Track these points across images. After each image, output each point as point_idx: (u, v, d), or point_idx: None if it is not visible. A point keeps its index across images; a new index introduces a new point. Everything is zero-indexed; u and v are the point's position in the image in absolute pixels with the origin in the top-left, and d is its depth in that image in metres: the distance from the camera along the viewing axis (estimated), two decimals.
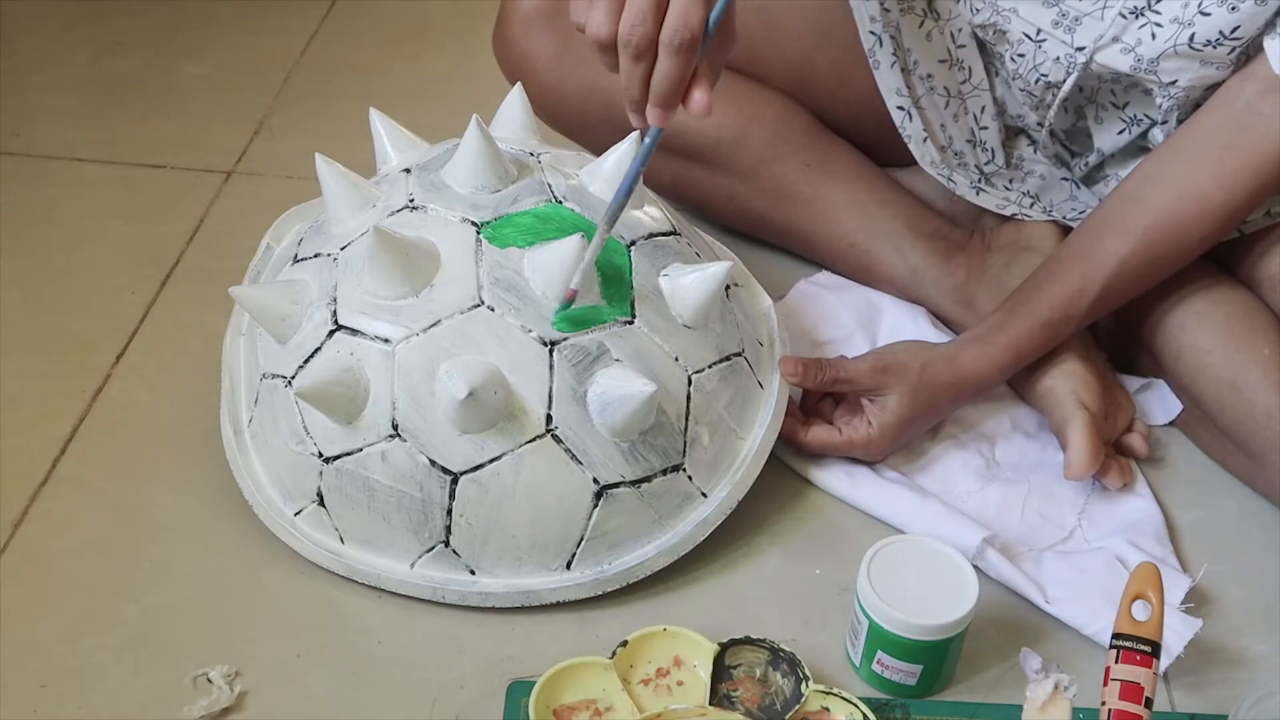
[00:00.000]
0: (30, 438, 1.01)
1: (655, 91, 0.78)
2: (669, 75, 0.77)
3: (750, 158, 1.13)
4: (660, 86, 0.78)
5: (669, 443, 0.91)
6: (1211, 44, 0.94)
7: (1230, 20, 0.92)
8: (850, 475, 1.00)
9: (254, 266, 1.03)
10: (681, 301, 0.92)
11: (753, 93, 1.13)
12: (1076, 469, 0.99)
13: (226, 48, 1.50)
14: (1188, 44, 0.94)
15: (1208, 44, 0.94)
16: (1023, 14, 1.02)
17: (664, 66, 0.77)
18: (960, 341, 1.02)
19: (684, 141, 1.12)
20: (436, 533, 0.89)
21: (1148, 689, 0.78)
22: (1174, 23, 0.95)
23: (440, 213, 0.92)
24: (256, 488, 0.94)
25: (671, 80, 0.77)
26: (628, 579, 0.91)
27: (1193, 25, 0.94)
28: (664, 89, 0.78)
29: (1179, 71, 0.97)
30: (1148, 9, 0.96)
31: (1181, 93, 0.98)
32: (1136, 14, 0.96)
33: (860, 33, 1.12)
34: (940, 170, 1.15)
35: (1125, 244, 0.98)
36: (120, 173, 1.31)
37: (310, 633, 0.89)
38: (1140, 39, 0.97)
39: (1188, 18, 0.94)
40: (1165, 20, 0.95)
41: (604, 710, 0.83)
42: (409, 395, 0.86)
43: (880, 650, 0.85)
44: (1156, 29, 0.96)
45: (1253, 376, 0.98)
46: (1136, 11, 0.96)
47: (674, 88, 0.78)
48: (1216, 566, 0.95)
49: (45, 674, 0.86)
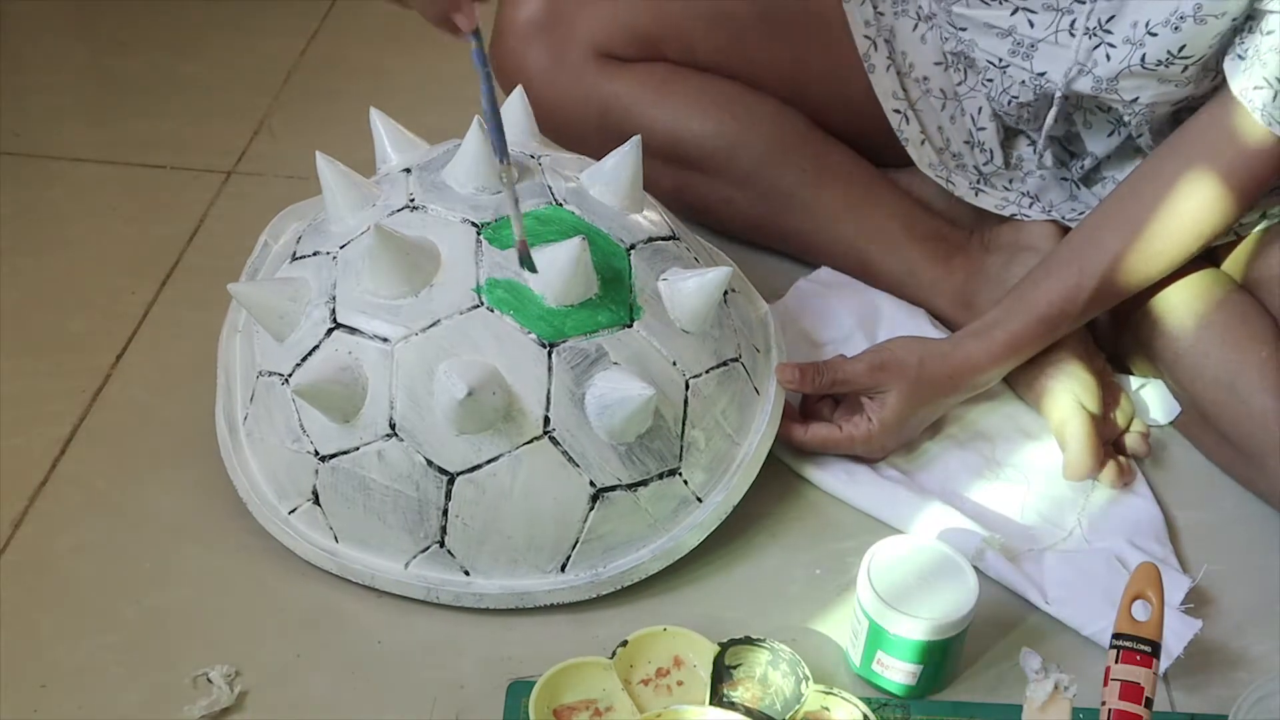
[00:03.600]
0: (30, 438, 1.01)
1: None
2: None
3: (747, 164, 1.13)
4: None
5: (666, 447, 0.91)
6: (1163, 64, 0.95)
7: (1176, 40, 0.94)
8: (850, 474, 1.00)
9: (251, 263, 1.03)
10: (680, 306, 0.92)
11: (748, 99, 1.13)
12: (1074, 470, 0.99)
13: (226, 48, 1.50)
14: (1140, 64, 0.96)
15: (1159, 64, 0.96)
16: (981, 45, 1.04)
17: None
18: (958, 336, 1.02)
19: (681, 149, 1.12)
20: (432, 533, 0.89)
21: (1148, 689, 0.77)
22: (1126, 43, 0.96)
23: (440, 213, 0.92)
24: (251, 485, 0.94)
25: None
26: (622, 582, 0.91)
27: (1143, 45, 0.95)
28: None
29: (1139, 90, 0.99)
30: (1099, 29, 0.96)
31: (1146, 109, 1.00)
32: (1089, 34, 0.97)
33: (855, 37, 1.13)
34: (938, 172, 1.15)
35: (1122, 241, 0.98)
36: (120, 173, 1.31)
37: (310, 633, 0.89)
38: (1096, 60, 0.98)
39: (1138, 38, 0.95)
40: (1118, 41, 0.97)
41: (604, 710, 0.83)
42: (407, 395, 0.86)
43: (880, 650, 0.85)
44: (1110, 49, 0.97)
45: (1250, 379, 0.98)
46: (1089, 32, 0.97)
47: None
48: (1216, 567, 0.95)
49: (45, 674, 0.86)
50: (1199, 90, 0.99)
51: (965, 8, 1.01)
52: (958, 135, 1.15)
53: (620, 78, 1.12)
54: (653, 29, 1.13)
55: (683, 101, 1.11)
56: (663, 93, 1.11)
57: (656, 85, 1.12)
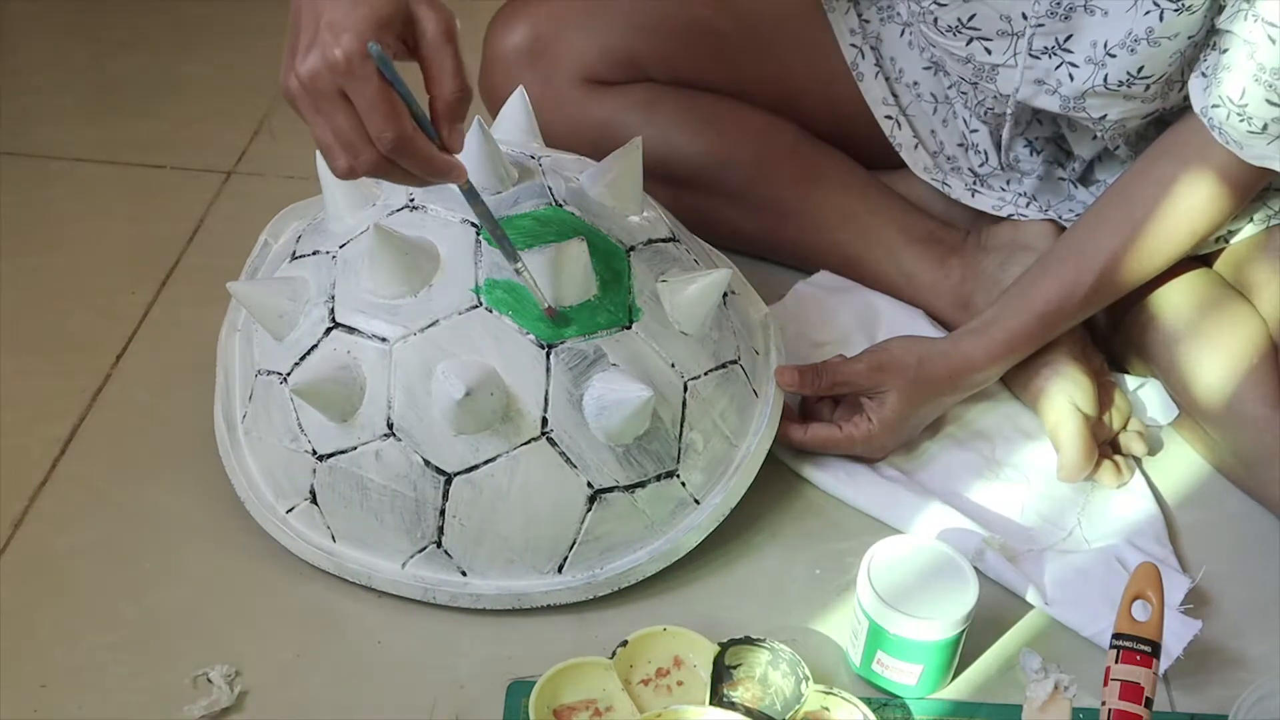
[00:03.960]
0: (30, 438, 1.01)
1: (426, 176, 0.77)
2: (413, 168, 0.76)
3: (739, 180, 1.13)
4: (423, 170, 0.77)
5: (663, 448, 0.91)
6: (1125, 84, 0.96)
7: (1134, 61, 0.94)
8: (850, 475, 1.00)
9: (251, 262, 1.03)
10: (679, 308, 0.92)
11: (736, 115, 1.14)
12: (1069, 470, 0.99)
13: (226, 48, 1.50)
14: (1103, 84, 0.96)
15: (1121, 84, 0.96)
16: (949, 66, 1.05)
17: (405, 167, 0.76)
18: (956, 335, 1.02)
19: (670, 168, 1.12)
20: (429, 533, 0.89)
21: (1148, 689, 0.78)
22: (1088, 63, 0.96)
23: (440, 213, 0.92)
24: (249, 484, 0.94)
25: (420, 168, 0.76)
26: (619, 584, 0.91)
27: (1105, 66, 0.96)
28: (425, 173, 0.77)
29: (1105, 108, 0.99)
30: (1058, 49, 0.97)
31: (1115, 125, 1.00)
32: (1049, 53, 0.97)
33: (841, 46, 1.13)
34: (933, 175, 1.15)
35: (1117, 239, 0.99)
36: (120, 173, 1.31)
37: (310, 633, 0.89)
38: (1060, 80, 0.98)
39: (1099, 58, 0.96)
40: (1080, 60, 0.97)
41: (604, 710, 0.83)
42: (405, 394, 0.86)
43: (880, 650, 0.85)
44: (1073, 69, 0.97)
45: (1243, 387, 0.98)
46: (1048, 51, 0.97)
47: (429, 169, 0.77)
48: (1216, 567, 0.95)
49: (45, 674, 0.86)
50: (1168, 104, 0.99)
51: (930, 30, 1.01)
52: (951, 138, 1.15)
53: (607, 101, 1.12)
54: (635, 50, 1.13)
55: (669, 121, 1.12)
56: (649, 113, 1.12)
57: (641, 106, 1.12)
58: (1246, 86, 0.89)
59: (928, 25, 1.00)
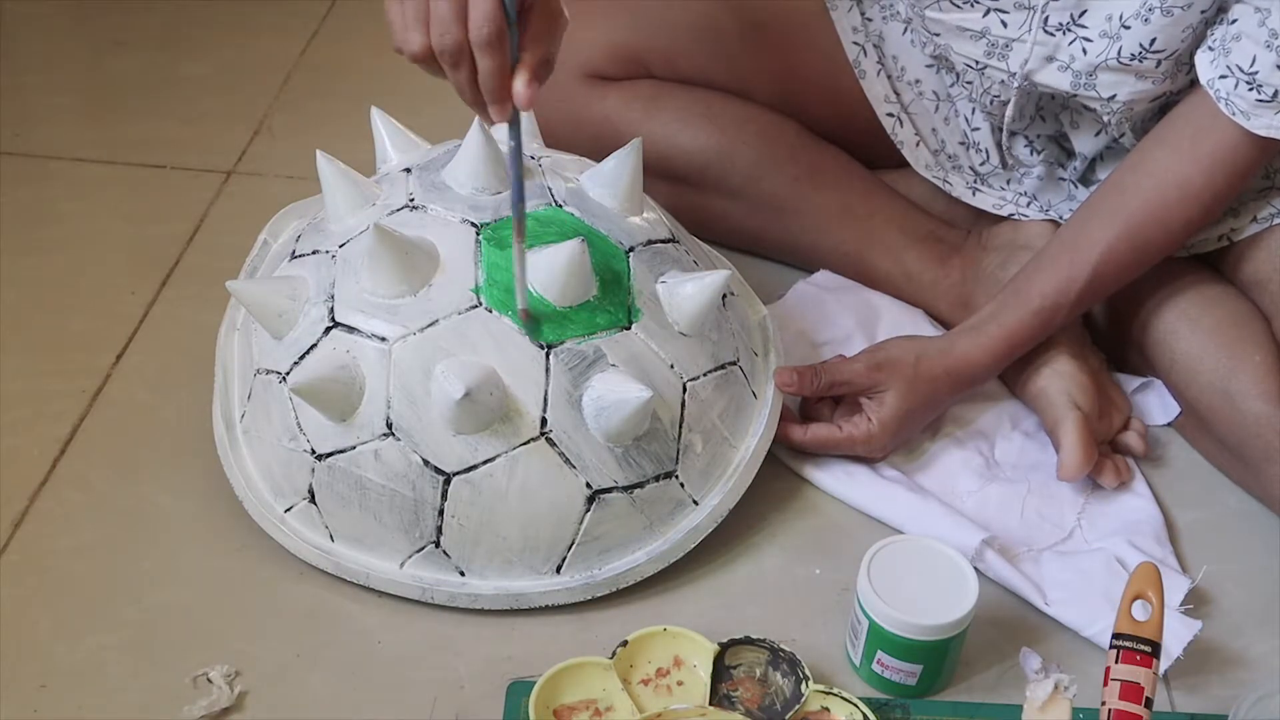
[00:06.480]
0: (30, 438, 1.01)
1: (484, 90, 0.80)
2: (486, 71, 0.79)
3: (739, 177, 1.13)
4: (485, 84, 0.79)
5: (662, 449, 0.90)
6: (1137, 58, 0.95)
7: (1147, 33, 0.94)
8: (850, 475, 1.00)
9: (250, 262, 1.03)
10: (679, 309, 0.92)
11: (736, 111, 1.13)
12: (1069, 470, 0.99)
13: (226, 48, 1.50)
14: (1116, 59, 0.96)
15: (1133, 58, 0.96)
16: (957, 49, 1.04)
17: (480, 66, 0.79)
18: (954, 333, 1.02)
19: (672, 165, 1.12)
20: (427, 533, 0.89)
21: (1148, 689, 0.77)
22: (1103, 37, 0.96)
23: (440, 213, 0.92)
24: (248, 483, 0.94)
25: (491, 75, 0.79)
26: (617, 584, 0.91)
27: (1119, 39, 0.95)
28: (488, 85, 0.79)
29: (1116, 86, 0.98)
30: (1072, 24, 0.96)
31: (1123, 107, 1.00)
32: (1063, 29, 0.97)
33: (844, 43, 1.13)
34: (935, 173, 1.15)
35: (1111, 231, 0.99)
36: (120, 173, 1.31)
37: (310, 633, 0.89)
38: (1073, 55, 0.98)
39: (1114, 31, 0.95)
40: (1094, 35, 0.96)
41: (604, 710, 0.83)
42: (404, 394, 0.86)
43: (880, 650, 0.85)
44: (1087, 44, 0.97)
45: (1244, 384, 0.98)
46: (1063, 28, 0.97)
47: (497, 82, 0.79)
48: (1216, 567, 0.95)
49: (45, 674, 0.86)
50: (1175, 86, 0.99)
51: (938, 11, 1.01)
52: (952, 136, 1.15)
53: (608, 97, 1.12)
54: (637, 46, 1.13)
55: (670, 117, 1.12)
56: (650, 110, 1.12)
57: (643, 103, 1.12)
58: (1258, 54, 0.89)
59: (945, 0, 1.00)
